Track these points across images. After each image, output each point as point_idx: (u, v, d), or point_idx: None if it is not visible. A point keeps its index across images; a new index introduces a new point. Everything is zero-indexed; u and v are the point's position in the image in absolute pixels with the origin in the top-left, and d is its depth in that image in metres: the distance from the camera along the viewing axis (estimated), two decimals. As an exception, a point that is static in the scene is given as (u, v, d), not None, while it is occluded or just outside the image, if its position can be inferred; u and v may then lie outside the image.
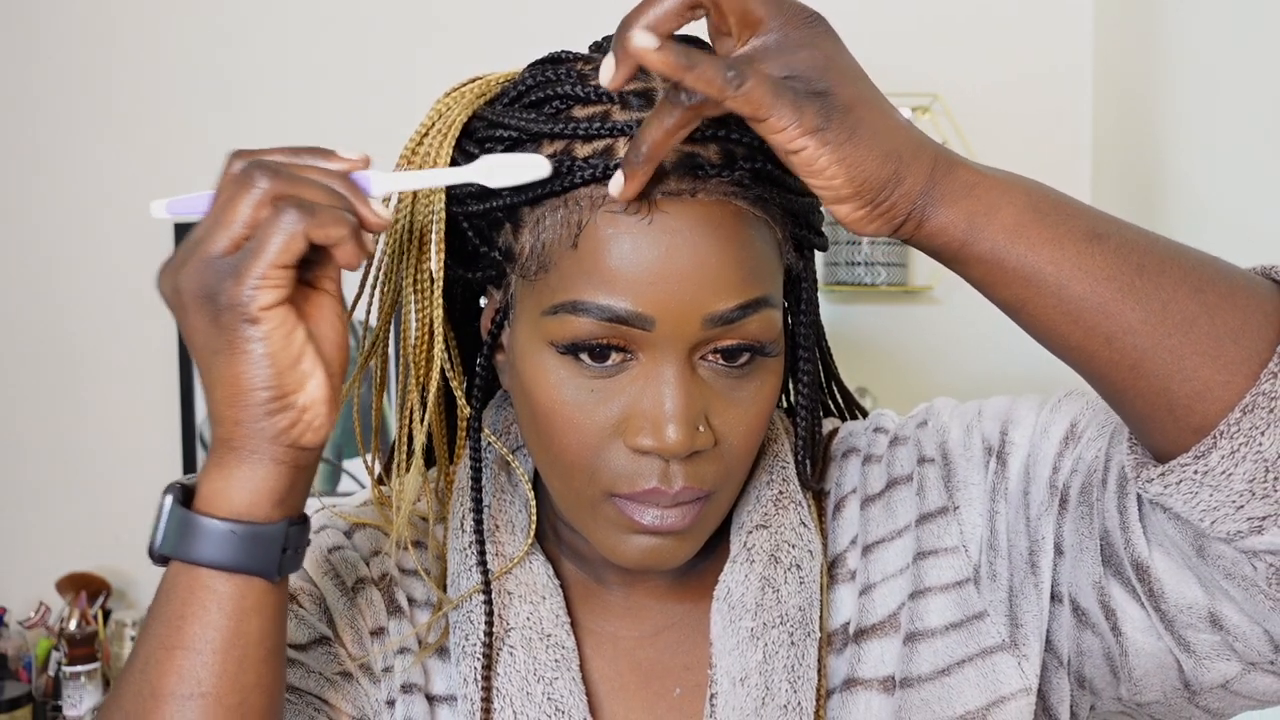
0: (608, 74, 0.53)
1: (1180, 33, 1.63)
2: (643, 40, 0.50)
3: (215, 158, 1.92)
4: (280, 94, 1.93)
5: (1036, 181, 0.55)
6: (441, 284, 0.66)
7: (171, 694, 0.54)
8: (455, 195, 0.64)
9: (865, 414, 0.80)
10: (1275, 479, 0.50)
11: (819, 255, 1.92)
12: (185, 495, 0.56)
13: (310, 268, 0.56)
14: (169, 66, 1.94)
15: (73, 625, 1.81)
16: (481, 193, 0.62)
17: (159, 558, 0.56)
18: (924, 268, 1.85)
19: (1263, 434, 0.50)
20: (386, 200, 0.66)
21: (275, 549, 0.56)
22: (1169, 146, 1.65)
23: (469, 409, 0.69)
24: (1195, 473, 0.52)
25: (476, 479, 0.69)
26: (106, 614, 1.88)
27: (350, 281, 0.62)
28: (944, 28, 1.86)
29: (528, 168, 0.58)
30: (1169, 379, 0.52)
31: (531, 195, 0.60)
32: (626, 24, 0.51)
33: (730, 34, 0.53)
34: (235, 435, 0.54)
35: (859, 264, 1.80)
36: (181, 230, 1.91)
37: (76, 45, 1.95)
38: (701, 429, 0.61)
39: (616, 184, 0.57)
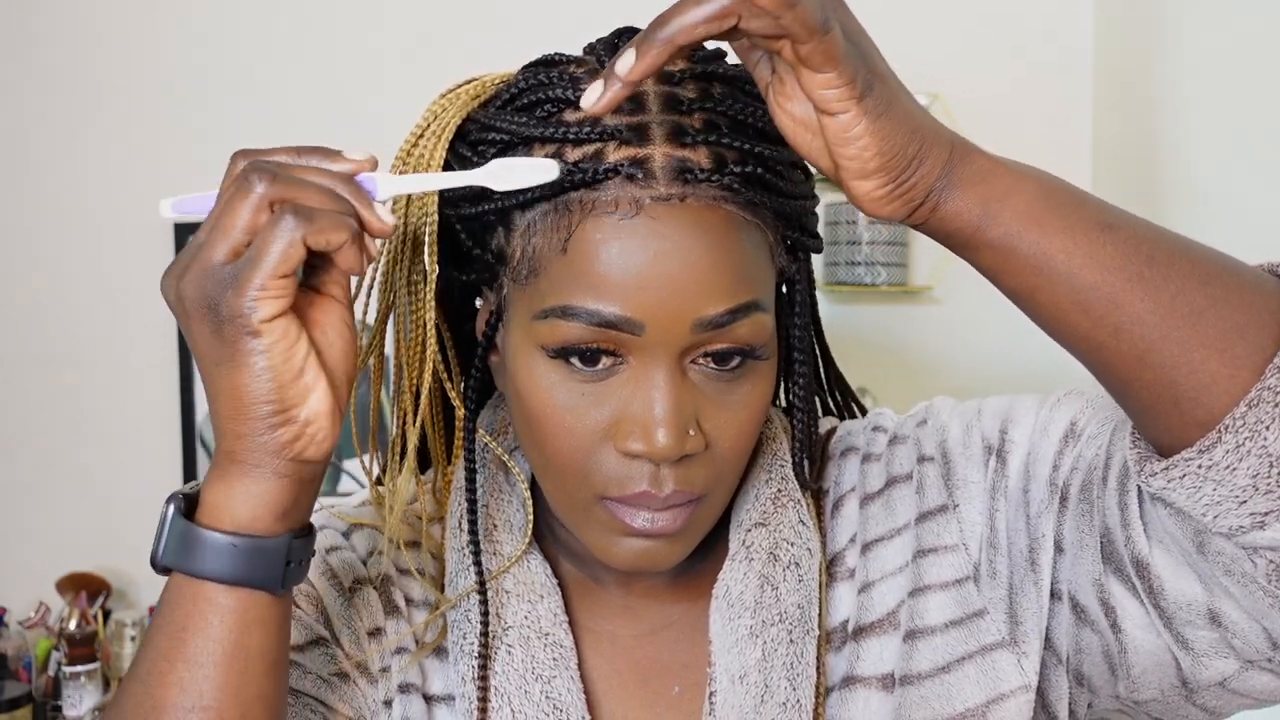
0: (625, 66, 0.51)
1: (1180, 33, 1.63)
2: None
3: (211, 157, 1.91)
4: (277, 94, 1.93)
5: (1048, 172, 0.55)
6: (435, 285, 0.66)
7: (173, 706, 0.54)
8: (448, 197, 0.64)
9: (864, 412, 0.80)
10: (1279, 474, 0.50)
11: (819, 255, 1.92)
12: (188, 505, 0.55)
13: (316, 273, 0.55)
14: (165, 67, 1.94)
15: (73, 625, 1.81)
16: (474, 195, 0.62)
17: (161, 568, 0.55)
18: (924, 268, 1.85)
19: (1267, 429, 0.50)
20: (394, 203, 0.66)
21: (278, 562, 0.55)
22: (1169, 147, 1.65)
23: (464, 410, 0.69)
24: (1199, 467, 0.51)
25: (471, 479, 0.69)
26: (106, 614, 1.88)
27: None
28: (945, 26, 1.86)
29: (535, 171, 0.57)
30: (1175, 371, 0.52)
31: (522, 199, 0.60)
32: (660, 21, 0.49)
33: None
34: (237, 448, 0.53)
35: (859, 264, 1.79)
36: (182, 230, 1.91)
37: (70, 46, 1.95)
38: (692, 433, 0.60)
39: (625, 64, 0.51)
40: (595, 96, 0.53)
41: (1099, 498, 0.61)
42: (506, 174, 0.57)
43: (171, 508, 0.55)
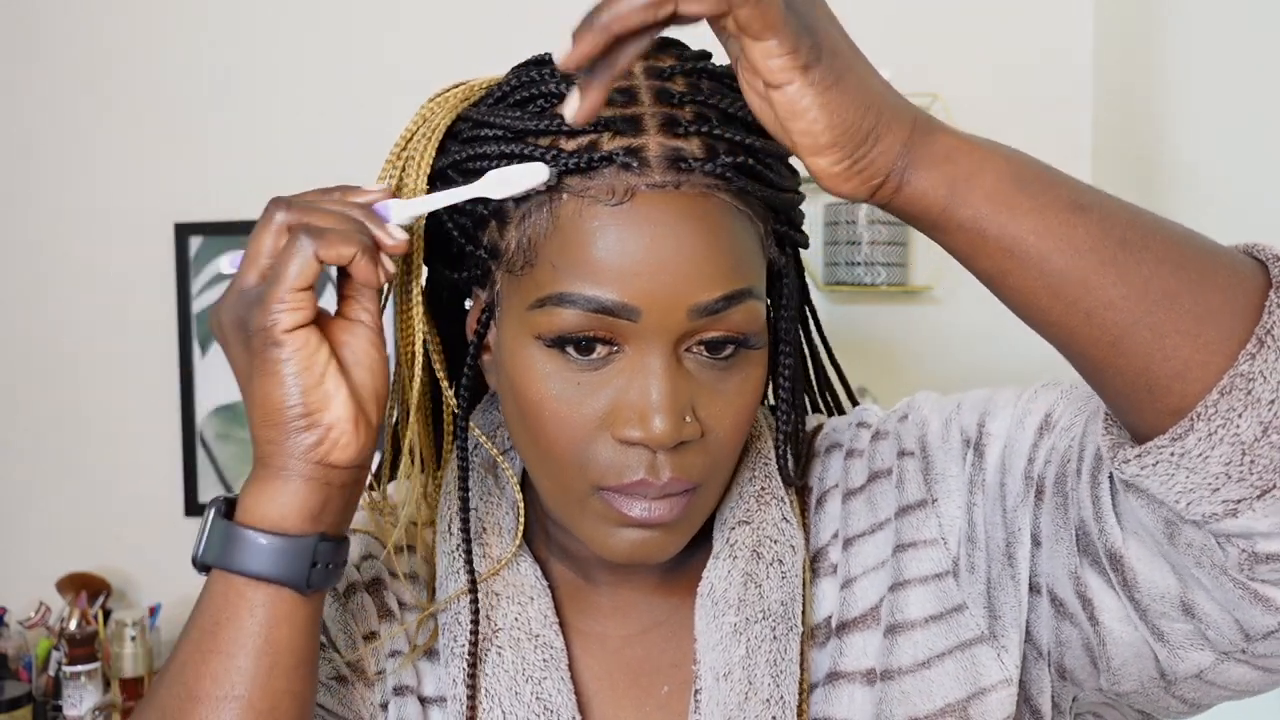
0: (568, 53, 0.50)
1: (1180, 33, 1.62)
2: None
3: (215, 159, 1.91)
4: (283, 98, 1.93)
5: (1020, 151, 0.55)
6: (425, 287, 0.66)
7: (207, 696, 0.57)
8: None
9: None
10: (1251, 462, 0.50)
11: (819, 255, 1.90)
12: (228, 509, 0.60)
13: (347, 301, 0.61)
14: (168, 69, 1.94)
15: (73, 625, 1.80)
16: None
17: (201, 566, 0.59)
18: (924, 268, 1.84)
19: (1240, 416, 0.49)
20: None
21: (304, 561, 0.58)
22: (1169, 148, 1.65)
23: (457, 410, 0.69)
24: (1172, 454, 0.51)
25: (464, 481, 0.70)
26: (106, 614, 1.88)
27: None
28: (944, 26, 1.85)
29: (529, 175, 0.60)
30: (1149, 358, 0.51)
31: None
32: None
33: None
34: (269, 454, 0.58)
35: (859, 264, 1.79)
36: (183, 231, 1.92)
37: (75, 49, 1.95)
38: (688, 419, 0.61)
39: (562, 52, 0.49)
40: (574, 106, 0.52)
41: (1073, 489, 0.61)
42: (501, 183, 0.60)
43: (213, 510, 0.60)
